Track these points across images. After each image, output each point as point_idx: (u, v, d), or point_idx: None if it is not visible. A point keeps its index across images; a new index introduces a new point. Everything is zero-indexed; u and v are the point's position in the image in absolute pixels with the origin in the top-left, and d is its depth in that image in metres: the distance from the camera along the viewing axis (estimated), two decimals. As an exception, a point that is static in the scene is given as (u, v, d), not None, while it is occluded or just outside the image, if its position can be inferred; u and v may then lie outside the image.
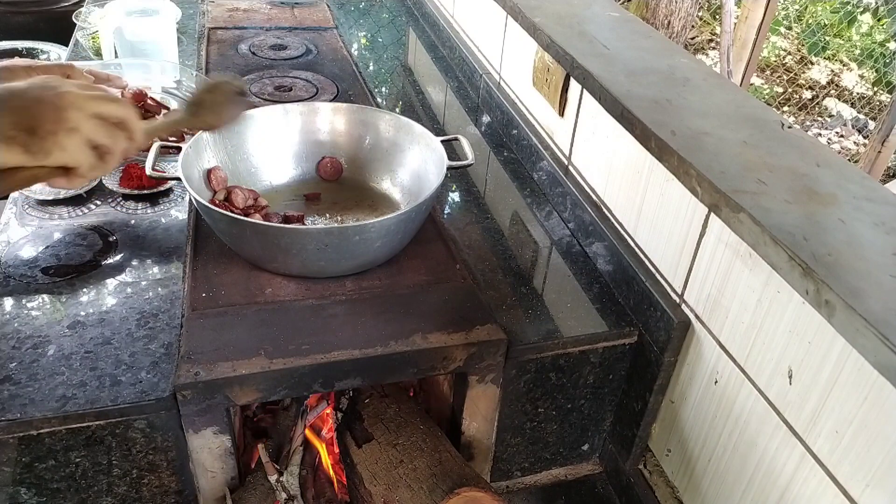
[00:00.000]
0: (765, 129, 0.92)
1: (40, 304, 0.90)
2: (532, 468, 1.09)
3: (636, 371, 0.99)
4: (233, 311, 0.89)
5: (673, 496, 0.99)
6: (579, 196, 1.12)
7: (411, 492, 0.86)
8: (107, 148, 0.70)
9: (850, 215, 0.75)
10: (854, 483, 0.68)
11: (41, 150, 0.65)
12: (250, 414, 1.08)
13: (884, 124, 2.97)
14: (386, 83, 1.67)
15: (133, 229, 1.04)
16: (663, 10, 4.08)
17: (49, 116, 0.66)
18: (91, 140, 0.68)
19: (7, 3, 2.33)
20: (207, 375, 0.80)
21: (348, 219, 1.08)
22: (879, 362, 0.60)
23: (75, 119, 0.67)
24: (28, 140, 0.64)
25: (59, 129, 0.66)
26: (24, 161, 0.65)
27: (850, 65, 4.86)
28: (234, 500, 0.89)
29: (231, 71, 1.55)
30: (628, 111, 0.94)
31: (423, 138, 1.09)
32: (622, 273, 1.01)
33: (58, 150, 0.66)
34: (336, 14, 1.98)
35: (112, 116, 0.70)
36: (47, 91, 0.67)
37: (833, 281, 0.64)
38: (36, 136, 0.65)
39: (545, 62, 1.23)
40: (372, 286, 0.96)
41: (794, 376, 0.75)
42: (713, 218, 0.84)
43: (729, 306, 0.84)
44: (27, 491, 0.80)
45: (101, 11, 1.52)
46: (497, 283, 1.02)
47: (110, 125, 0.70)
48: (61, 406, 0.77)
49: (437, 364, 0.89)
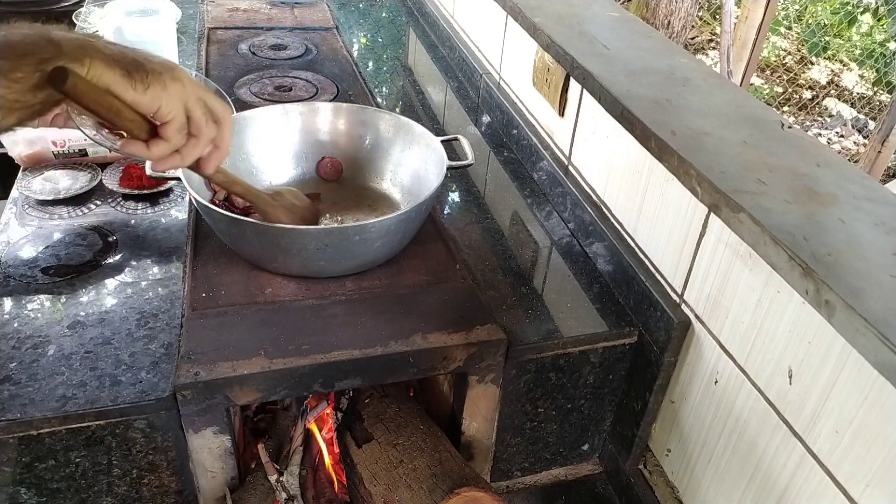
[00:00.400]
0: (765, 129, 0.92)
1: (40, 304, 0.90)
2: (532, 468, 1.09)
3: (636, 371, 0.99)
4: (233, 311, 0.89)
5: (673, 496, 0.99)
6: (579, 196, 1.12)
7: (411, 492, 0.86)
8: (197, 124, 0.69)
9: (850, 215, 0.75)
10: (854, 483, 0.68)
11: (142, 81, 0.63)
12: (250, 414, 1.08)
13: (884, 124, 2.97)
14: (386, 83, 1.67)
15: (133, 229, 1.04)
16: (663, 10, 4.08)
17: (157, 62, 0.66)
18: (187, 103, 0.67)
19: (7, 3, 2.33)
20: (207, 375, 0.80)
21: (348, 219, 1.08)
22: (879, 362, 0.60)
23: (182, 75, 0.67)
24: (132, 67, 0.63)
25: (166, 73, 0.65)
26: (121, 86, 0.62)
27: (850, 65, 4.86)
28: (234, 500, 0.89)
29: (231, 71, 1.55)
30: (628, 111, 0.94)
31: (423, 138, 1.09)
32: (622, 273, 1.01)
33: (158, 86, 0.64)
34: (336, 14, 1.98)
35: (209, 101, 0.70)
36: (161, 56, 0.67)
37: (833, 281, 0.64)
38: (141, 68, 0.64)
39: (545, 62, 1.23)
40: (372, 286, 0.96)
41: (794, 376, 0.75)
42: (713, 218, 0.84)
43: (729, 306, 0.84)
44: (27, 491, 0.80)
45: (101, 11, 1.52)
46: (497, 283, 1.02)
47: (207, 111, 0.70)
48: (61, 406, 0.77)
49: (437, 364, 0.89)
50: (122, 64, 0.62)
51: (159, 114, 0.66)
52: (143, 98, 0.64)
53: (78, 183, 1.10)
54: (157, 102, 0.65)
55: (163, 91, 0.65)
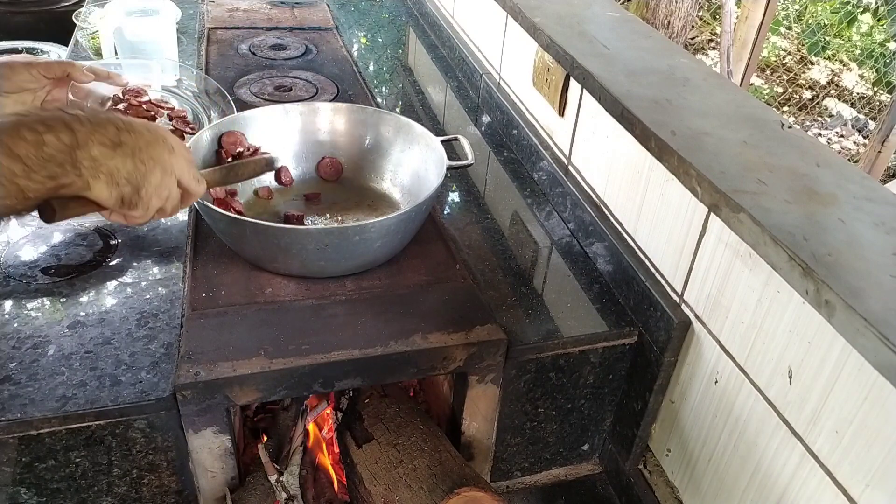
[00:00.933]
0: (765, 129, 0.92)
1: (40, 305, 0.90)
2: (532, 468, 1.09)
3: (636, 371, 0.99)
4: (233, 311, 0.89)
5: (673, 496, 0.99)
6: (579, 196, 1.12)
7: (411, 492, 0.86)
8: (164, 213, 0.76)
9: (850, 215, 0.75)
10: (854, 483, 0.68)
11: (132, 205, 0.70)
12: (250, 414, 1.08)
13: (884, 124, 2.97)
14: (386, 83, 1.67)
15: (133, 229, 1.04)
16: (663, 10, 4.08)
17: (155, 181, 0.71)
18: (163, 208, 0.74)
19: (7, 3, 2.33)
20: (207, 375, 0.80)
21: (348, 219, 1.08)
22: (879, 362, 0.60)
23: (170, 187, 0.73)
24: (130, 194, 0.69)
25: (155, 196, 0.72)
26: (111, 205, 0.69)
27: (850, 65, 4.86)
28: (234, 500, 0.89)
29: (231, 71, 1.55)
30: (628, 111, 0.94)
31: (423, 138, 1.09)
32: (622, 273, 1.01)
33: (141, 209, 0.71)
34: (336, 14, 1.98)
35: (191, 192, 0.77)
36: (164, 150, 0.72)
37: (833, 281, 0.64)
38: (137, 194, 0.70)
39: (545, 62, 1.23)
40: (372, 286, 0.96)
41: (794, 376, 0.75)
42: (713, 218, 0.84)
43: (729, 306, 0.84)
44: (27, 491, 0.80)
45: (101, 11, 1.52)
46: (497, 283, 1.02)
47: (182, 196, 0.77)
48: (61, 406, 0.77)
49: (437, 364, 0.89)
50: (122, 189, 0.68)
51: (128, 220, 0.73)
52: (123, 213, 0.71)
53: (78, 183, 1.10)
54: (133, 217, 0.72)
55: (144, 211, 0.72)
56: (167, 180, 0.73)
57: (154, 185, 0.71)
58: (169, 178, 0.73)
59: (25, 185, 0.60)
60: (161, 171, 0.72)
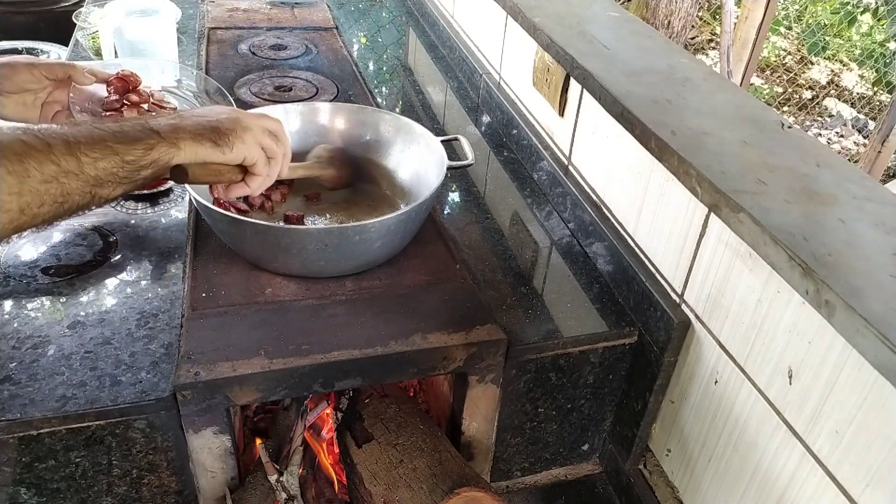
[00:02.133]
0: (765, 129, 0.92)
1: (40, 304, 0.90)
2: (532, 468, 1.09)
3: (636, 371, 0.99)
4: (233, 311, 0.89)
5: (673, 496, 0.99)
6: (579, 196, 1.12)
7: (411, 492, 0.86)
8: (272, 150, 0.84)
9: (850, 215, 0.75)
10: (854, 483, 0.68)
11: (226, 144, 0.78)
12: (250, 414, 1.08)
13: (884, 124, 2.98)
14: (386, 83, 1.67)
15: (133, 229, 1.04)
16: (663, 10, 4.08)
17: (226, 120, 0.79)
18: (260, 141, 0.82)
19: (7, 3, 2.33)
20: (207, 375, 0.80)
21: (348, 219, 1.08)
22: (879, 362, 0.60)
23: (246, 121, 0.81)
24: (214, 136, 0.77)
25: (237, 127, 0.79)
26: (214, 155, 0.77)
27: (850, 65, 4.86)
28: (234, 500, 0.89)
29: (231, 71, 1.55)
30: (628, 111, 0.94)
31: (423, 138, 1.09)
32: (622, 273, 1.01)
33: (239, 143, 0.79)
34: (336, 14, 1.98)
35: (268, 125, 0.84)
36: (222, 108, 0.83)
37: (833, 281, 0.64)
38: (220, 132, 0.78)
39: (545, 62, 1.23)
40: (372, 286, 0.96)
41: (794, 376, 0.75)
42: (713, 218, 0.84)
43: (729, 306, 0.84)
44: (27, 491, 0.80)
45: (101, 11, 1.52)
46: (497, 283, 1.02)
47: (270, 133, 0.84)
48: (61, 406, 0.77)
49: (437, 364, 0.89)
50: (206, 136, 0.76)
51: (246, 161, 0.82)
52: (232, 156, 0.79)
53: (78, 183, 1.10)
54: (243, 154, 0.80)
55: (242, 144, 0.80)
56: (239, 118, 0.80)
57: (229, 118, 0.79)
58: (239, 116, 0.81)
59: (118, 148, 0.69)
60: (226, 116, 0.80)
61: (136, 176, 0.71)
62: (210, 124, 0.78)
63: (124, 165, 0.69)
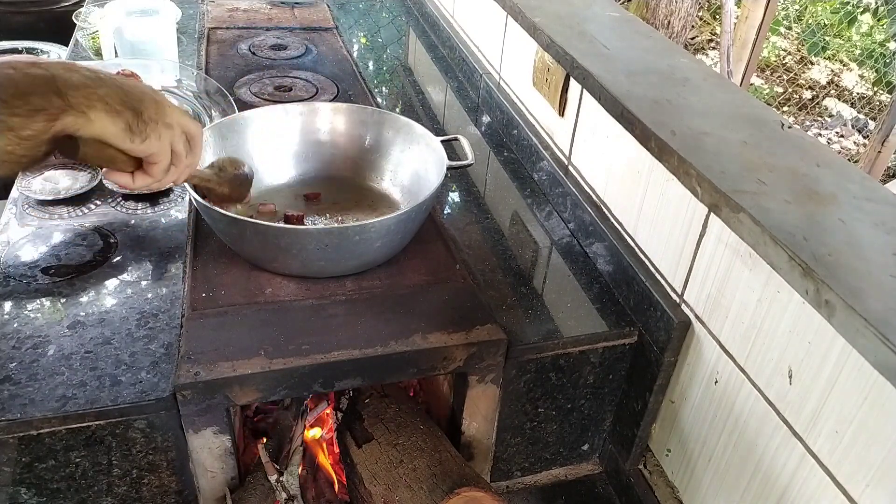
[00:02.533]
0: (765, 129, 0.92)
1: (40, 304, 0.90)
2: (532, 468, 1.09)
3: (636, 371, 0.99)
4: (233, 311, 0.89)
5: (673, 496, 0.99)
6: (579, 196, 1.12)
7: (411, 492, 0.86)
8: (178, 158, 0.75)
9: (850, 215, 0.75)
10: (854, 483, 0.68)
11: (141, 133, 0.69)
12: (250, 414, 1.08)
13: (884, 124, 2.98)
14: (386, 83, 1.67)
15: (133, 229, 1.04)
16: (663, 10, 4.08)
17: (152, 107, 0.70)
18: (174, 143, 0.73)
19: (7, 3, 2.33)
20: (207, 375, 0.80)
21: (348, 219, 1.08)
22: (879, 362, 0.60)
23: (171, 117, 0.72)
24: (132, 119, 0.67)
25: (160, 120, 0.71)
26: (121, 139, 0.67)
27: (850, 65, 4.86)
28: (234, 500, 0.89)
29: (231, 71, 1.55)
30: (628, 111, 0.94)
31: (423, 138, 1.09)
32: (622, 273, 1.01)
33: (154, 138, 0.70)
34: (336, 14, 1.98)
35: (189, 129, 0.76)
36: (148, 89, 0.72)
37: (833, 281, 0.64)
38: (140, 119, 0.68)
39: (545, 62, 1.23)
40: (372, 286, 0.96)
41: (794, 376, 0.75)
42: (713, 218, 0.84)
43: (729, 306, 0.84)
44: (27, 491, 0.80)
45: (101, 11, 1.52)
46: (497, 283, 1.02)
47: (188, 139, 0.76)
48: (61, 406, 0.77)
49: (437, 364, 0.89)
50: (124, 116, 0.67)
51: (150, 158, 0.72)
52: (140, 147, 0.70)
53: (78, 183, 1.10)
54: (152, 150, 0.71)
55: (157, 140, 0.71)
56: (163, 107, 0.71)
57: (153, 110, 0.70)
58: (163, 105, 0.71)
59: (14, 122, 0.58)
60: (152, 99, 0.70)
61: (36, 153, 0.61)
62: (132, 104, 0.67)
63: (20, 143, 0.59)
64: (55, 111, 0.60)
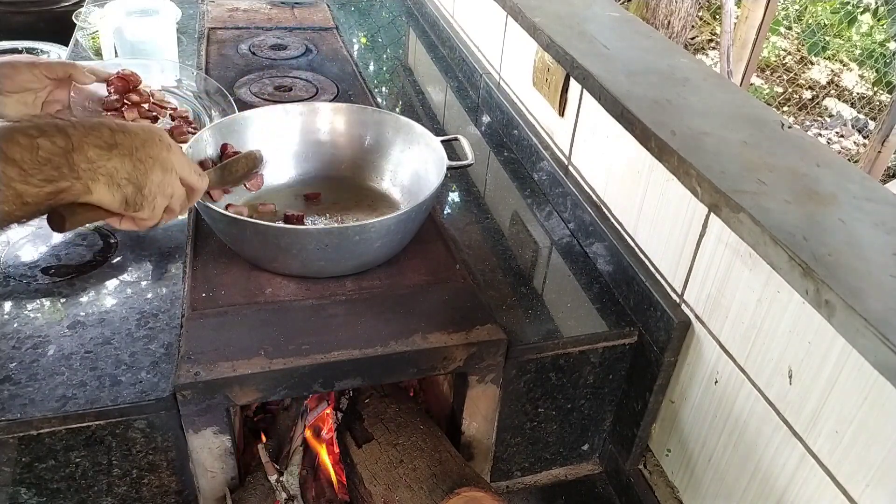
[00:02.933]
0: (765, 129, 0.92)
1: (40, 305, 0.90)
2: (532, 468, 1.09)
3: (636, 371, 0.99)
4: (233, 311, 0.89)
5: (673, 496, 0.99)
6: (579, 196, 1.12)
7: (411, 492, 0.86)
8: (171, 213, 0.76)
9: (850, 215, 0.75)
10: (854, 483, 0.68)
11: (135, 205, 0.70)
12: (250, 414, 1.08)
13: (884, 124, 2.98)
14: (386, 83, 1.67)
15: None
16: (663, 10, 4.08)
17: (156, 178, 0.71)
18: (170, 204, 0.75)
19: (7, 3, 2.33)
20: (207, 375, 0.80)
21: (348, 219, 1.08)
22: (879, 362, 0.60)
23: (172, 185, 0.73)
24: (132, 194, 0.69)
25: (160, 193, 0.72)
26: (116, 207, 0.69)
27: (850, 65, 4.86)
28: (234, 500, 0.89)
29: (231, 71, 1.55)
30: (628, 111, 0.94)
31: (423, 138, 1.09)
32: (622, 273, 1.01)
33: (147, 209, 0.71)
34: (336, 14, 1.98)
35: (194, 187, 0.77)
36: (162, 149, 0.72)
37: (833, 281, 0.64)
38: (140, 193, 0.69)
39: (545, 62, 1.23)
40: (372, 286, 0.96)
41: (794, 376, 0.75)
42: (713, 218, 0.84)
43: (729, 306, 0.84)
44: (27, 491, 0.80)
45: (101, 11, 1.52)
46: (497, 283, 1.02)
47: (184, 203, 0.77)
48: (61, 406, 0.77)
49: (437, 364, 0.89)
50: (125, 190, 0.68)
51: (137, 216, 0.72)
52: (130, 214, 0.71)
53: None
54: (141, 217, 0.72)
55: (150, 210, 0.72)
56: (169, 177, 0.73)
57: (156, 183, 0.71)
58: (170, 175, 0.73)
59: (23, 189, 0.60)
60: (161, 168, 0.72)
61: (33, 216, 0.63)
62: (137, 179, 0.69)
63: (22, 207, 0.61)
64: (64, 184, 0.63)
